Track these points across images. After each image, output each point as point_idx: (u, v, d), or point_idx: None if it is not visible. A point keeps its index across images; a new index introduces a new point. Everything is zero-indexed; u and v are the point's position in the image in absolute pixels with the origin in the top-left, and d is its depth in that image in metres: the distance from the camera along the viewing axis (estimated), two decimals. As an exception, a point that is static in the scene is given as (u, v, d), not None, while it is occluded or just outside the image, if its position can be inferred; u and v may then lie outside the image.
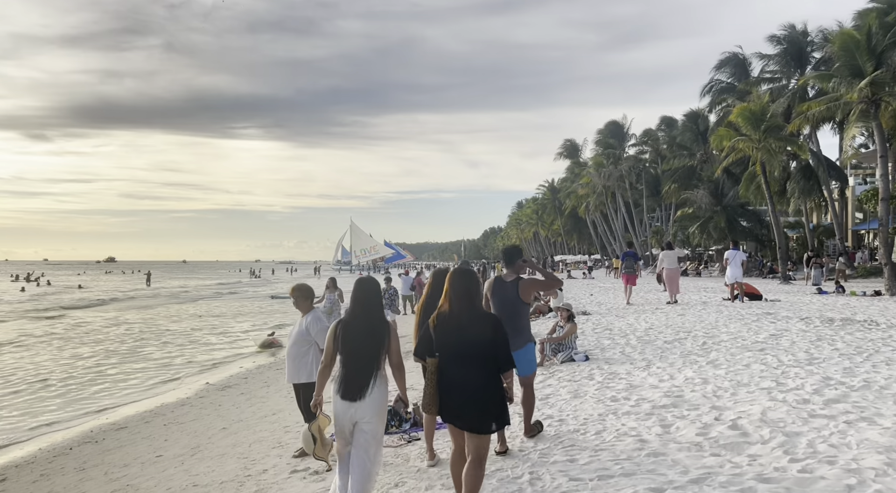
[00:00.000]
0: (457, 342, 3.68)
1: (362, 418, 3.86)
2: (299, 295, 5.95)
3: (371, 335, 3.94)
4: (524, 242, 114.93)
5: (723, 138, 30.96)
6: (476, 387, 3.61)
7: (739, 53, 42.93)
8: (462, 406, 3.64)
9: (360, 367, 3.88)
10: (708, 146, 49.06)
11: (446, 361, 3.70)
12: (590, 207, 62.72)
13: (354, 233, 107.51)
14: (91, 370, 13.66)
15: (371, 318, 4.00)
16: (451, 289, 3.82)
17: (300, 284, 6.14)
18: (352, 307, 4.07)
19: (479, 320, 3.73)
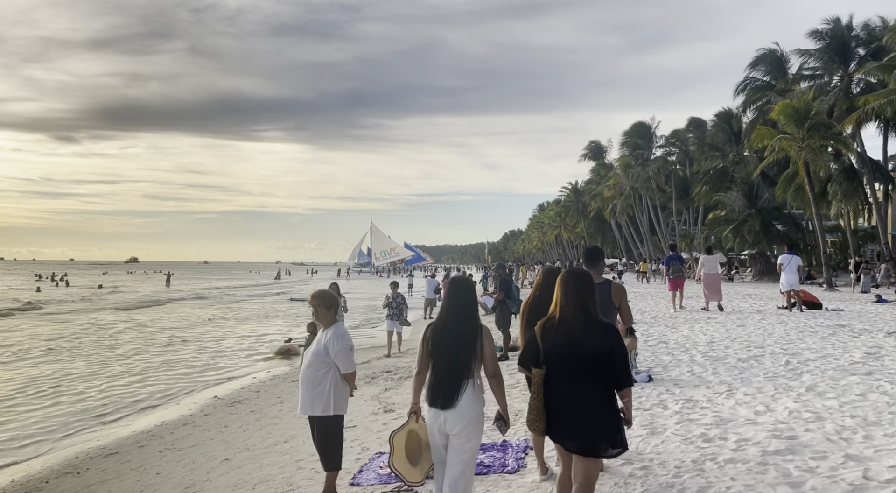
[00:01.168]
0: (567, 354, 3.34)
1: (452, 429, 3.59)
2: (320, 304, 4.79)
3: (461, 338, 3.65)
4: (546, 245, 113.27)
5: (763, 137, 29.41)
6: (588, 405, 3.29)
7: (776, 50, 41.22)
8: (571, 425, 3.31)
9: (449, 372, 3.62)
10: (741, 147, 47.39)
11: (554, 373, 3.38)
12: (616, 209, 61.08)
13: (375, 235, 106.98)
14: (95, 377, 12.66)
15: (463, 319, 3.71)
16: (563, 294, 3.45)
17: (322, 290, 4.99)
18: (445, 307, 3.79)
19: (594, 329, 3.37)
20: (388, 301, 14.37)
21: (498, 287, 11.86)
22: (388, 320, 14.32)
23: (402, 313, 14.28)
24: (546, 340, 3.42)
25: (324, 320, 4.83)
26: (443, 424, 3.59)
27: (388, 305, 14.33)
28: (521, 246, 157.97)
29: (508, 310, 11.52)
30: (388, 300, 14.40)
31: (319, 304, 4.83)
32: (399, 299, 14.46)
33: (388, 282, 15.41)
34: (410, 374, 10.68)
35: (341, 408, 4.80)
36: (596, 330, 3.36)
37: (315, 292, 4.95)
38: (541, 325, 3.49)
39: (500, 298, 11.66)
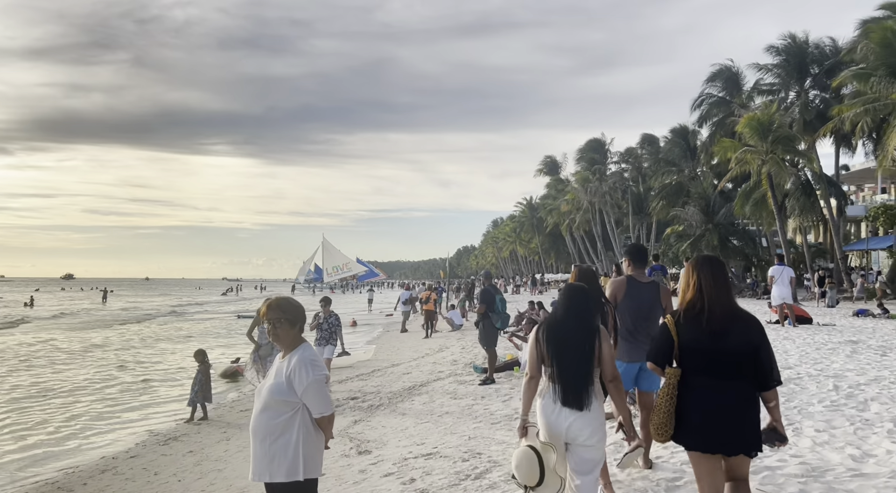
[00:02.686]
0: (711, 349, 3.00)
1: (580, 434, 3.32)
2: (280, 317, 3.31)
3: (584, 337, 3.43)
4: (501, 260, 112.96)
5: (727, 150, 29.16)
6: (735, 407, 2.94)
7: (731, 66, 41.67)
8: (715, 430, 2.95)
9: (576, 373, 3.37)
10: (697, 162, 47.74)
11: (694, 372, 3.03)
12: (573, 224, 60.89)
13: (327, 250, 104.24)
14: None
15: (582, 318, 3.50)
16: (711, 281, 3.09)
17: (281, 298, 3.50)
18: (563, 305, 3.55)
19: (741, 321, 3.05)
20: (317, 321, 10.91)
21: (479, 299, 10.43)
22: (316, 346, 10.74)
23: (333, 335, 10.99)
24: (684, 334, 3.05)
25: (284, 339, 3.32)
26: (570, 427, 3.30)
27: (317, 326, 10.91)
28: (475, 262, 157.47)
29: (492, 325, 10.06)
30: (318, 320, 10.92)
31: (279, 317, 3.32)
32: (332, 319, 11.07)
33: (319, 298, 11.66)
34: (382, 401, 9.16)
35: (314, 469, 3.28)
36: (742, 323, 3.04)
37: (272, 301, 3.45)
38: (673, 317, 3.12)
39: (481, 311, 10.17)
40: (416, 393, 9.54)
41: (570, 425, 3.29)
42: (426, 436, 6.67)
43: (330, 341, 11.03)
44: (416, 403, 8.71)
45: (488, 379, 9.81)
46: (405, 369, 12.76)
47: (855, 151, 34.27)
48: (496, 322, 10.08)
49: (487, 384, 9.65)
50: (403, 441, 6.57)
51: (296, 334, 3.38)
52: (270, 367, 9.82)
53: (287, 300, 3.44)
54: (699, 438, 2.97)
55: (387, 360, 14.98)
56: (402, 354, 16.01)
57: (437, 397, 8.94)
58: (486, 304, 10.12)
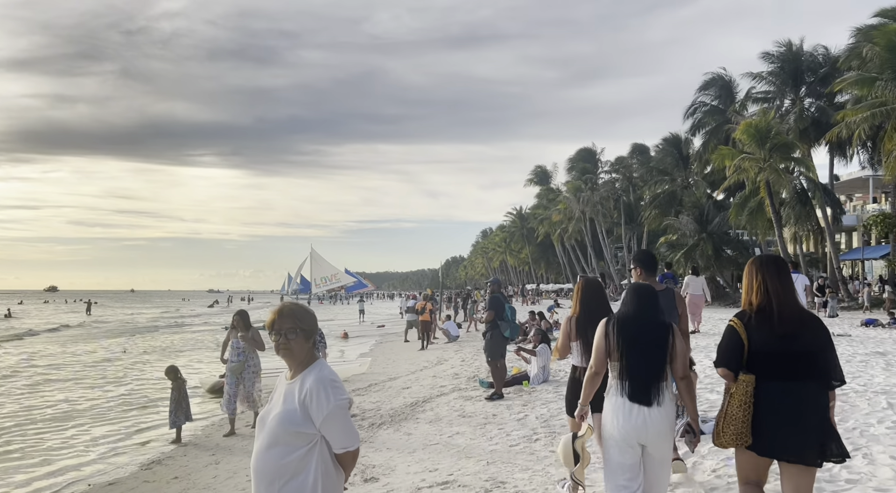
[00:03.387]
0: (781, 352, 2.90)
1: (651, 431, 3.19)
2: (293, 328, 2.65)
3: (654, 331, 3.37)
4: (491, 271, 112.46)
5: (725, 157, 28.85)
6: (811, 410, 2.86)
7: (724, 74, 41.59)
8: (793, 435, 2.84)
9: (648, 370, 3.28)
10: (689, 171, 47.56)
11: (765, 376, 2.91)
12: (565, 233, 60.53)
13: (315, 261, 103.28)
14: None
15: (651, 314, 3.44)
16: (775, 282, 2.98)
17: (292, 304, 2.85)
18: (633, 302, 3.46)
19: (809, 323, 2.97)
20: None
21: (487, 306, 9.76)
22: None
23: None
24: (754, 337, 2.96)
25: (298, 355, 2.66)
26: (641, 425, 3.22)
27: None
28: (464, 273, 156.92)
29: (501, 335, 9.38)
30: None
31: (293, 327, 2.65)
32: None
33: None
34: (384, 419, 8.48)
35: (333, 516, 2.66)
36: (810, 325, 2.98)
37: (284, 308, 2.77)
38: (741, 319, 3.01)
39: (489, 319, 9.48)
40: (419, 410, 8.87)
41: (642, 422, 3.20)
42: (438, 461, 6.01)
43: None
44: (421, 421, 8.04)
45: (496, 394, 9.17)
46: (404, 383, 12.08)
47: (850, 159, 34.03)
48: (505, 331, 9.42)
49: (495, 400, 9.01)
50: (413, 467, 5.91)
51: (310, 349, 2.74)
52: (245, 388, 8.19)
53: (301, 307, 2.79)
54: (774, 444, 2.87)
55: (383, 373, 14.29)
56: (398, 366, 15.32)
57: (444, 414, 8.28)
58: (496, 311, 9.46)
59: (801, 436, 2.83)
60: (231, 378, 8.76)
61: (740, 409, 2.89)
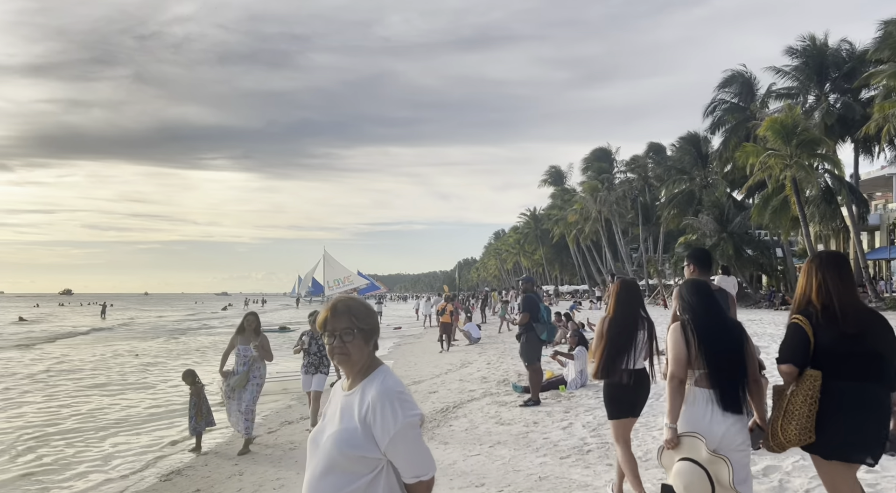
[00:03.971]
0: (849, 352, 2.83)
1: (735, 439, 3.09)
2: (352, 326, 2.13)
3: (732, 332, 3.25)
4: (504, 272, 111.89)
5: (749, 154, 28.16)
6: (879, 412, 2.80)
7: (744, 71, 40.85)
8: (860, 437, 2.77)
9: (731, 374, 3.15)
10: (709, 170, 46.80)
11: (833, 374, 2.83)
12: (581, 234, 59.86)
13: (328, 263, 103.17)
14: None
15: (723, 315, 3.36)
16: (832, 282, 2.91)
17: (351, 300, 2.28)
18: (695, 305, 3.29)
19: (876, 321, 2.89)
20: (302, 344, 8.59)
21: (522, 307, 9.25)
22: (304, 375, 8.56)
23: (324, 360, 8.44)
24: (821, 335, 2.86)
25: (358, 361, 2.15)
26: (728, 430, 3.07)
27: (304, 349, 8.53)
28: (476, 274, 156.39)
29: (536, 337, 8.86)
30: (303, 343, 8.56)
31: (351, 326, 2.14)
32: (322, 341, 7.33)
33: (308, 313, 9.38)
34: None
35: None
36: (878, 323, 2.89)
37: (339, 303, 2.22)
38: (805, 316, 2.91)
39: (524, 321, 8.96)
40: (452, 417, 8.38)
41: (726, 430, 3.08)
42: (483, 474, 5.51)
43: (320, 369, 8.47)
44: (456, 429, 7.55)
45: (532, 400, 8.67)
46: (430, 387, 11.60)
47: (877, 156, 33.16)
48: (541, 334, 8.89)
49: (531, 406, 8.52)
50: (457, 481, 5.42)
51: (371, 353, 2.25)
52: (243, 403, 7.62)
53: (359, 302, 2.26)
54: (844, 446, 2.81)
55: (406, 376, 13.82)
56: (421, 370, 14.85)
57: (480, 421, 7.78)
58: (530, 313, 8.94)
59: (869, 437, 2.80)
60: (235, 398, 7.80)
61: (805, 404, 2.83)
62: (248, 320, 8.00)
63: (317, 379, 8.47)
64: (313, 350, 8.48)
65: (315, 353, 8.48)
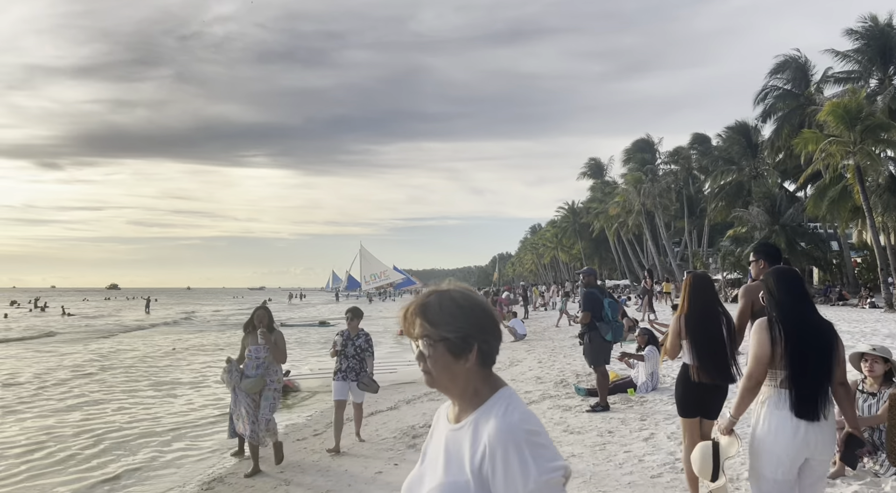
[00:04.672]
0: None
1: (817, 447, 2.85)
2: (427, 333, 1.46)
3: (823, 334, 2.96)
4: (542, 267, 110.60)
5: (808, 142, 26.68)
6: None
7: (798, 56, 38.99)
8: None
9: (816, 377, 2.89)
10: (758, 160, 45.00)
11: None
12: (623, 227, 58.40)
13: (364, 258, 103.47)
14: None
15: (813, 309, 3.01)
16: None
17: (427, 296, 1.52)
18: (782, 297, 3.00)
19: None
20: (334, 346, 7.54)
21: (582, 304, 8.46)
22: (337, 382, 7.40)
23: (363, 365, 7.39)
24: None
25: (443, 385, 1.50)
26: (807, 440, 2.82)
27: (339, 352, 7.44)
28: (511, 269, 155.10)
29: (601, 338, 8.08)
30: (337, 346, 7.48)
31: (427, 336, 1.47)
32: (361, 341, 7.46)
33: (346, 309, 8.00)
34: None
35: None
36: None
37: (411, 304, 1.53)
38: None
39: (586, 321, 8.19)
40: (512, 422, 7.69)
41: (809, 438, 2.85)
42: None
43: (359, 376, 7.34)
44: (519, 437, 6.86)
45: (601, 405, 7.92)
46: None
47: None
48: (605, 334, 8.10)
49: (599, 411, 7.78)
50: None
51: (476, 373, 1.55)
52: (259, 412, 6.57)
53: (448, 298, 1.50)
54: None
55: (453, 375, 13.20)
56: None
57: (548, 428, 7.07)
58: (592, 311, 8.14)
59: None
60: (243, 398, 6.70)
61: None
62: (259, 316, 6.84)
63: (355, 387, 7.43)
64: (350, 353, 7.40)
65: (353, 356, 7.42)
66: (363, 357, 7.44)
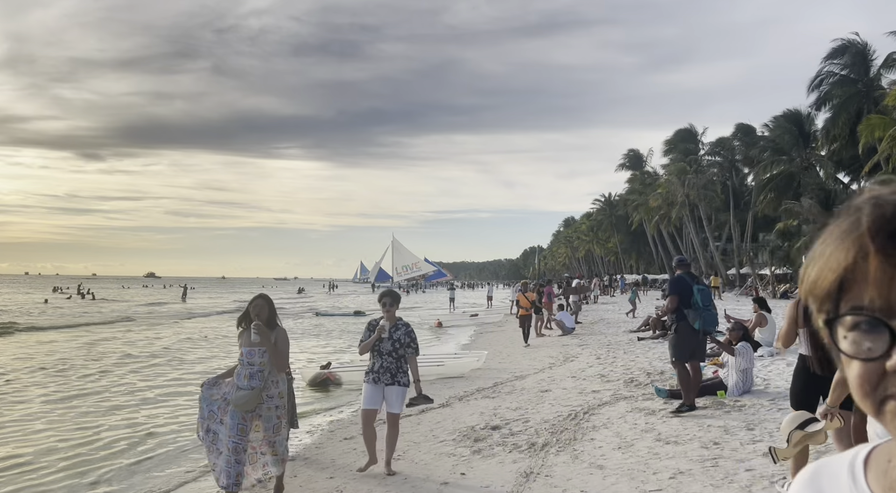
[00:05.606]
0: None
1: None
2: None
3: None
4: (576, 261, 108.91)
5: (875, 128, 25.08)
6: None
7: (857, 40, 37.00)
8: None
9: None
10: (811, 150, 43.04)
11: None
12: (663, 220, 56.68)
13: (396, 249, 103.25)
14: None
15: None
16: None
17: None
18: None
19: None
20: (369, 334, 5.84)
21: (670, 289, 7.50)
22: (369, 384, 5.76)
23: (401, 364, 5.75)
24: None
25: None
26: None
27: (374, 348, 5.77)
28: (544, 263, 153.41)
29: (689, 328, 7.12)
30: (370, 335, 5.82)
31: None
32: (400, 334, 5.77)
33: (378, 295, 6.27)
34: (543, 437, 6.45)
35: None
36: None
37: None
38: None
39: (672, 307, 7.23)
40: (588, 426, 6.79)
41: None
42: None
43: (396, 377, 5.66)
44: (604, 446, 5.95)
45: (686, 406, 6.98)
46: (539, 385, 10.03)
47: None
48: (694, 322, 7.11)
49: (685, 412, 6.85)
50: None
51: None
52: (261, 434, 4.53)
53: None
54: None
55: (504, 370, 12.33)
56: (517, 362, 13.31)
57: (632, 436, 6.15)
58: (681, 297, 7.17)
59: None
60: (235, 416, 4.94)
61: None
62: (257, 306, 5.03)
63: (391, 393, 5.66)
64: (385, 349, 5.69)
65: (389, 353, 5.69)
66: (402, 354, 5.74)
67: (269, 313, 5.11)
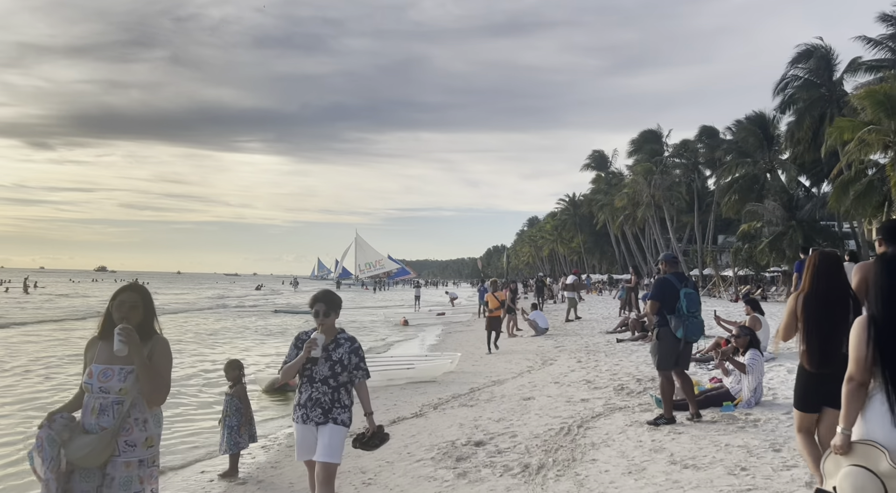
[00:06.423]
0: None
1: None
2: None
3: None
4: (540, 260, 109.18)
5: (844, 130, 25.06)
6: None
7: (822, 45, 37.39)
8: None
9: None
10: (775, 153, 43.48)
11: None
12: (628, 220, 56.88)
13: (360, 247, 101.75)
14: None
15: None
16: None
17: None
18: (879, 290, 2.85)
19: None
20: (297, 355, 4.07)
21: (652, 293, 6.81)
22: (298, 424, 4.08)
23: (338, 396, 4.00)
24: None
25: None
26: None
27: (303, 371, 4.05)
28: (505, 262, 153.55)
29: (670, 335, 6.40)
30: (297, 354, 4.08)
31: None
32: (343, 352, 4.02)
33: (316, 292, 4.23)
34: (537, 457, 5.62)
35: None
36: None
37: None
38: None
39: (653, 310, 6.51)
40: (583, 442, 5.99)
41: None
42: None
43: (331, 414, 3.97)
44: (610, 470, 5.14)
45: (664, 418, 6.31)
46: (519, 391, 9.23)
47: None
48: (676, 330, 6.37)
49: (660, 425, 6.19)
50: None
51: None
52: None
53: None
54: None
55: (479, 373, 11.53)
56: (493, 366, 12.51)
57: (639, 457, 5.35)
58: (662, 301, 6.45)
59: None
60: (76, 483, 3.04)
61: None
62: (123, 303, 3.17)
63: (324, 435, 3.94)
64: (319, 374, 4.00)
65: (324, 379, 4.00)
66: (343, 381, 4.01)
67: (145, 313, 3.21)
